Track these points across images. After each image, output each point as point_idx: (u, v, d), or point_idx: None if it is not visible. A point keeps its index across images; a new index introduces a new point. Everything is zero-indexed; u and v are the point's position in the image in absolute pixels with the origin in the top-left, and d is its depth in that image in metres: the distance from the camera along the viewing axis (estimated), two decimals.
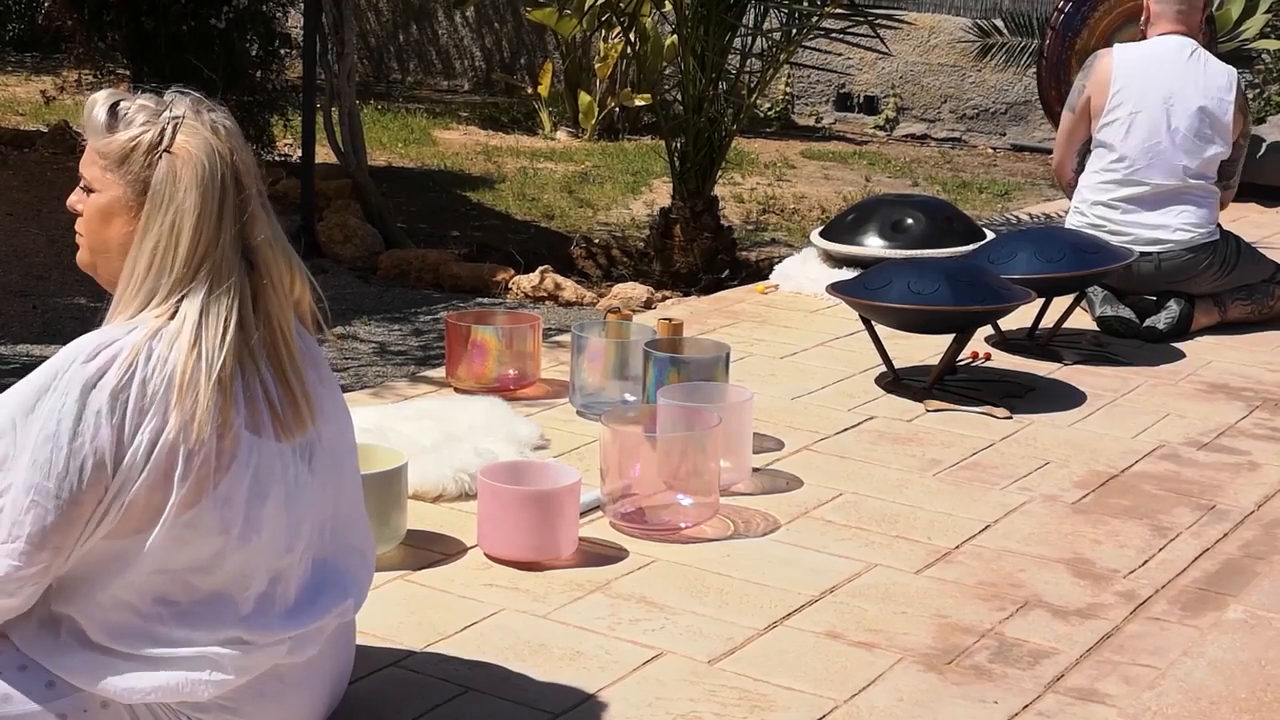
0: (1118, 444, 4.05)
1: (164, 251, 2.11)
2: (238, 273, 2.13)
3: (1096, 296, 5.21)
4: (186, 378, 2.06)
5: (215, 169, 2.13)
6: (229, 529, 2.11)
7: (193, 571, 2.11)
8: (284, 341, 2.19)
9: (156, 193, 2.12)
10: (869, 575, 3.14)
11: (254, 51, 8.39)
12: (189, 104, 2.18)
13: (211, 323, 2.09)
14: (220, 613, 2.13)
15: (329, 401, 2.29)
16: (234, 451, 2.10)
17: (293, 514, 2.18)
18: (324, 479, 2.25)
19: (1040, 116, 10.87)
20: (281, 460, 2.16)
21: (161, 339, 2.08)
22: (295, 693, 2.25)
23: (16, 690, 2.11)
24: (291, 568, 2.20)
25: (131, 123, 2.15)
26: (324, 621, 2.24)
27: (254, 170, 2.20)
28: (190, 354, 2.07)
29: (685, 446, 3.31)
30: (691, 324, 4.90)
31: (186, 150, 2.12)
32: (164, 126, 2.14)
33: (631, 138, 10.60)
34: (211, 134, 2.15)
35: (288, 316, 2.21)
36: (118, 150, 2.14)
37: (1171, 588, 3.15)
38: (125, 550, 2.09)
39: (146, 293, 2.11)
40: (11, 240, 6.46)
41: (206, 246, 2.11)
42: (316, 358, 2.30)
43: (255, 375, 2.14)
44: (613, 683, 2.63)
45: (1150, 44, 5.34)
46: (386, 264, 6.54)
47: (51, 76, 11.12)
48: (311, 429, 2.22)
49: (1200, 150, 5.21)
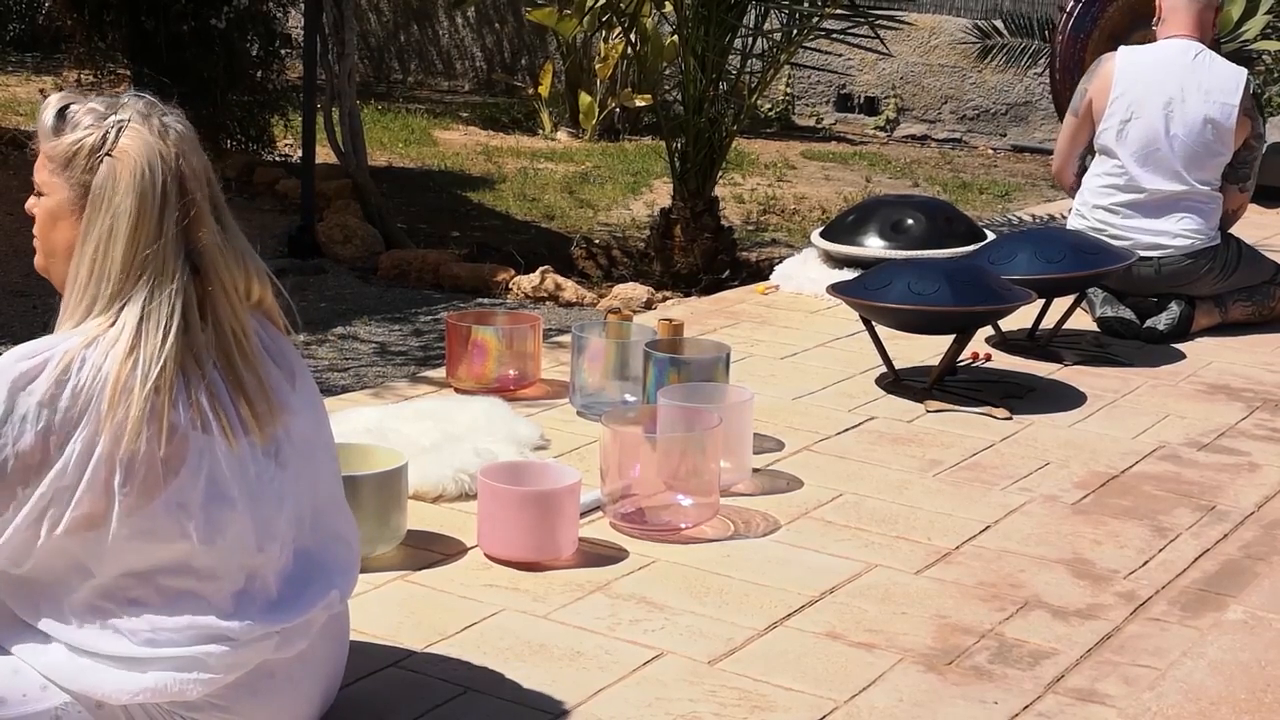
0: (1118, 445, 4.05)
1: (102, 255, 2.10)
2: (180, 277, 2.12)
3: (1097, 297, 5.21)
4: (120, 385, 2.05)
5: (155, 173, 2.11)
6: (188, 533, 2.11)
7: (161, 574, 2.12)
8: (236, 344, 2.18)
9: (96, 196, 2.12)
10: (869, 576, 3.14)
11: (254, 51, 8.40)
12: (140, 107, 2.17)
13: (151, 329, 2.09)
14: (198, 612, 2.13)
15: (298, 396, 2.28)
16: (182, 456, 2.10)
17: (260, 512, 2.18)
18: (297, 472, 2.25)
19: (1040, 117, 10.90)
20: (239, 461, 2.15)
21: (97, 346, 2.08)
22: (288, 689, 2.25)
23: (11, 693, 2.11)
24: (268, 564, 2.20)
25: (77, 125, 2.15)
26: (311, 614, 2.23)
27: (203, 174, 2.18)
28: (125, 361, 2.07)
29: (685, 447, 3.31)
30: (692, 324, 4.90)
31: (127, 153, 2.12)
32: (107, 130, 2.13)
33: (632, 138, 10.61)
34: (157, 138, 2.13)
35: (241, 319, 2.19)
36: (62, 153, 2.15)
37: (1171, 588, 3.15)
38: (82, 557, 2.09)
39: (89, 299, 2.11)
40: (12, 240, 6.46)
41: (146, 250, 2.10)
42: (283, 354, 2.29)
43: (202, 379, 2.13)
44: (613, 683, 2.63)
45: (1155, 48, 5.33)
46: (387, 264, 6.54)
47: (52, 76, 11.15)
48: (276, 426, 2.21)
49: (1201, 156, 5.20)
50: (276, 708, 2.24)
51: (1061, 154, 5.57)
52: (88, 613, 2.12)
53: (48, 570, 2.11)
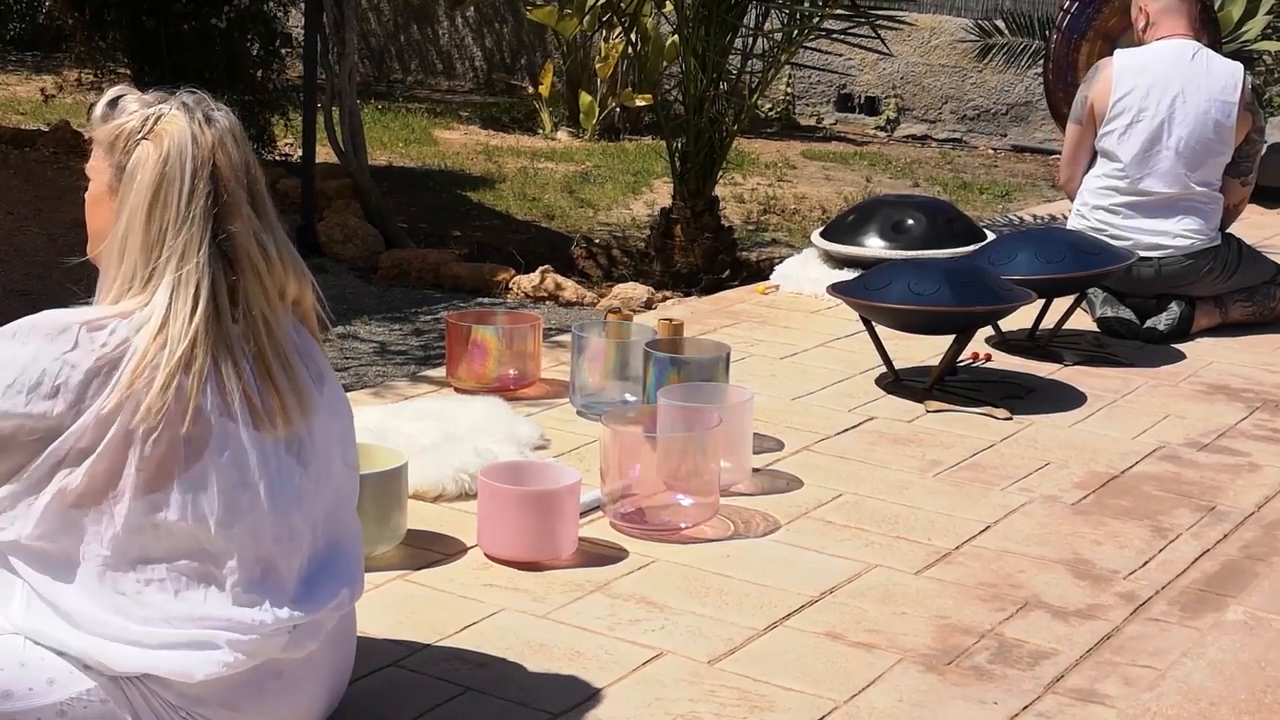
0: (1118, 445, 4.05)
1: (132, 232, 2.14)
2: (208, 262, 2.14)
3: (1097, 298, 5.21)
4: (146, 360, 2.09)
5: (185, 156, 2.15)
6: (205, 516, 2.12)
7: (177, 558, 2.13)
8: (268, 336, 2.20)
9: (127, 176, 2.17)
10: (869, 576, 3.14)
11: (255, 51, 8.40)
12: (188, 99, 2.22)
13: (179, 308, 2.12)
14: (211, 600, 2.14)
15: (326, 399, 2.29)
16: (205, 438, 2.12)
17: (278, 506, 2.19)
18: (316, 474, 2.26)
19: (1040, 117, 10.89)
20: (262, 452, 2.17)
21: (130, 320, 2.11)
22: (294, 690, 2.25)
23: (18, 686, 2.12)
24: (284, 558, 2.20)
25: (123, 111, 2.20)
26: (321, 614, 2.24)
27: (243, 167, 2.21)
28: (155, 339, 2.10)
29: (685, 447, 3.31)
30: (692, 324, 4.90)
31: (161, 137, 2.16)
32: (149, 115, 2.18)
33: (632, 138, 10.60)
34: (197, 126, 2.17)
35: (275, 313, 2.22)
36: (106, 136, 2.20)
37: (1171, 589, 3.15)
38: (96, 534, 2.11)
39: (123, 277, 2.15)
40: (12, 239, 6.46)
41: (173, 230, 2.13)
42: (313, 358, 2.30)
43: (233, 366, 2.16)
44: (613, 683, 2.63)
45: (1153, 49, 5.31)
46: (387, 264, 6.54)
47: (52, 76, 11.14)
48: (300, 425, 2.23)
49: (1202, 157, 5.20)
50: (282, 708, 2.24)
51: (1068, 164, 5.45)
52: (100, 592, 2.12)
53: (60, 547, 2.12)
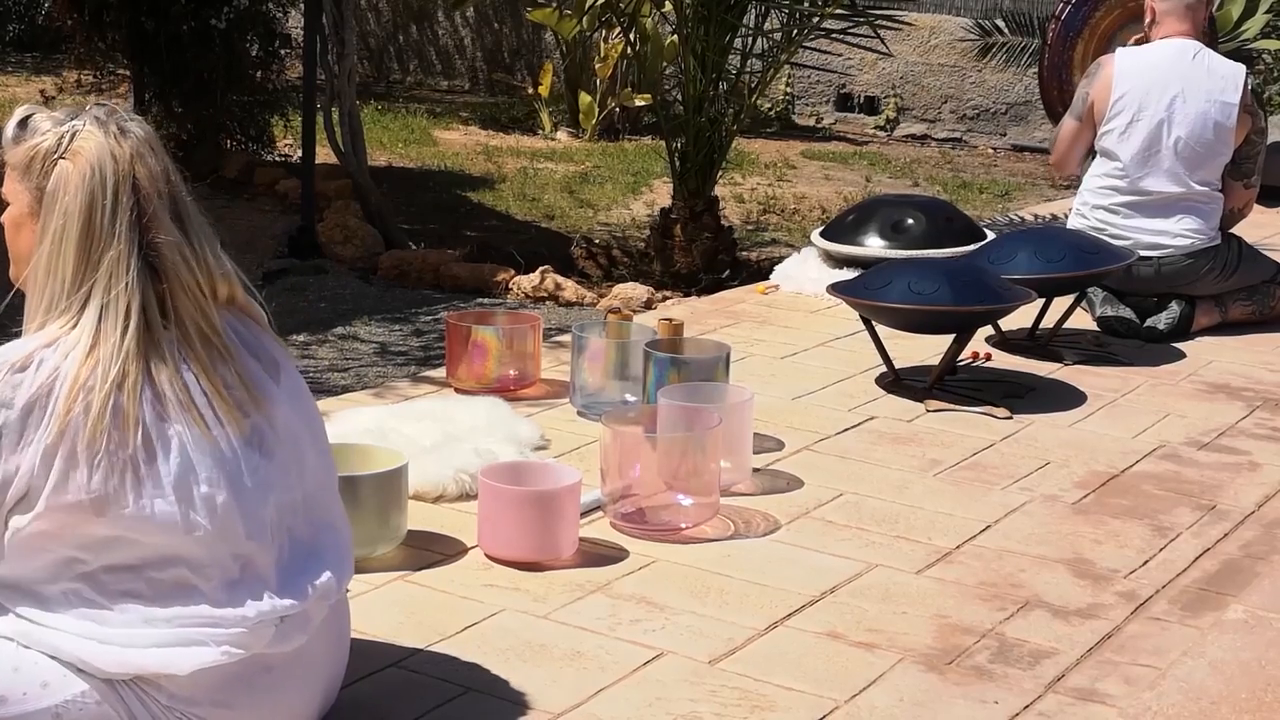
0: (1118, 444, 4.05)
1: (57, 256, 2.14)
2: (136, 277, 2.14)
3: (1097, 297, 5.21)
4: (79, 384, 2.09)
5: (106, 173, 2.14)
6: (170, 524, 2.12)
7: (150, 566, 2.13)
8: (202, 339, 2.20)
9: (49, 198, 2.16)
10: (869, 575, 3.14)
11: (254, 51, 8.39)
12: (99, 113, 2.20)
13: (109, 328, 2.12)
14: (190, 602, 2.14)
15: (284, 388, 2.30)
16: (153, 449, 2.12)
17: (245, 501, 2.19)
18: (283, 462, 2.27)
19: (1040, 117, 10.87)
20: (218, 451, 2.17)
21: (57, 348, 2.11)
22: (286, 686, 2.25)
23: (12, 691, 2.12)
24: (260, 552, 2.21)
25: (35, 131, 2.18)
26: (308, 603, 2.24)
27: (162, 176, 2.20)
28: (86, 361, 2.10)
29: (685, 447, 3.31)
30: (692, 324, 4.90)
31: (79, 155, 2.15)
32: (63, 134, 2.17)
33: (632, 138, 10.60)
34: (113, 140, 2.16)
35: (207, 316, 2.22)
36: (21, 158, 2.18)
37: (1172, 588, 3.15)
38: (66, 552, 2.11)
39: (48, 300, 2.14)
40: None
41: (99, 250, 2.13)
42: (263, 348, 2.31)
43: (170, 374, 2.16)
44: (613, 683, 2.63)
45: (1153, 49, 5.31)
46: (387, 264, 6.54)
47: (52, 77, 11.14)
48: (256, 416, 2.23)
49: (1202, 157, 5.19)
50: (275, 705, 2.24)
51: (1061, 149, 5.45)
52: (78, 603, 2.13)
53: (31, 568, 2.13)
